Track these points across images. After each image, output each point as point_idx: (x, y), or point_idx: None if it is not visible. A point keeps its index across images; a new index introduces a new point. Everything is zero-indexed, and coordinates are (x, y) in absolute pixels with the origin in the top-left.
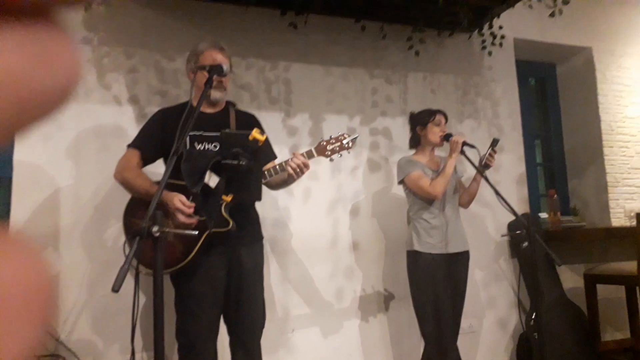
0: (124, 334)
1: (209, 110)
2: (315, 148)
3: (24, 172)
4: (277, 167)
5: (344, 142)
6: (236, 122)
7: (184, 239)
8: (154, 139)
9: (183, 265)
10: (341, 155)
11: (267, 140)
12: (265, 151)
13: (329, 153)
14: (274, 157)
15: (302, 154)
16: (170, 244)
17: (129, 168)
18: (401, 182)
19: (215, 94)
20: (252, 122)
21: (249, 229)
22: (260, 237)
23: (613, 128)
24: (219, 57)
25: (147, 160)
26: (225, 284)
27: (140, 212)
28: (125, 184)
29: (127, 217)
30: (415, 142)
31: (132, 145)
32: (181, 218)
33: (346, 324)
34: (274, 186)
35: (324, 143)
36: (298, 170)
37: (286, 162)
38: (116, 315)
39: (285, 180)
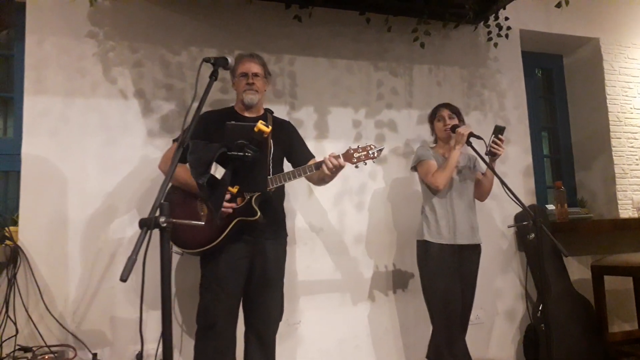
0: (132, 325)
1: (246, 114)
2: (343, 154)
3: (31, 165)
4: (313, 166)
5: (370, 152)
6: (273, 128)
7: (215, 224)
8: (197, 138)
9: (209, 248)
10: (366, 163)
11: (303, 141)
12: (302, 151)
13: (355, 160)
14: (312, 156)
15: (338, 156)
16: (201, 226)
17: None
18: (414, 169)
19: (247, 97)
20: (288, 128)
21: (275, 224)
22: (284, 235)
23: (621, 119)
24: (247, 63)
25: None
26: (247, 273)
27: (177, 199)
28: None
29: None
30: (435, 138)
31: (177, 140)
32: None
33: (353, 315)
34: (316, 182)
35: (352, 151)
36: (333, 168)
37: (322, 161)
38: (125, 306)
39: (322, 178)
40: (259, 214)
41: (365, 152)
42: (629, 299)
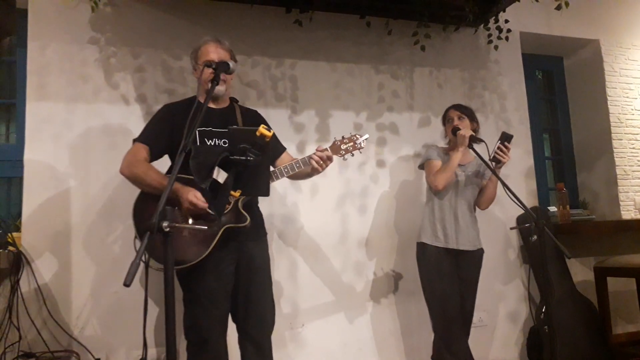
0: (135, 330)
1: (213, 105)
2: (330, 147)
3: (34, 171)
4: (300, 161)
5: (357, 142)
6: (242, 118)
7: (198, 234)
8: (161, 134)
9: (200, 261)
10: (353, 154)
11: (273, 134)
12: (274, 144)
13: (343, 152)
14: (283, 148)
15: (325, 149)
16: (184, 239)
17: (138, 162)
18: (421, 167)
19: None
20: (256, 117)
21: (255, 225)
22: (264, 233)
23: (622, 120)
24: (213, 50)
25: (154, 155)
26: (233, 280)
27: (152, 207)
28: (135, 179)
29: (138, 212)
30: (448, 140)
31: (139, 140)
32: (192, 198)
33: (356, 318)
34: (298, 177)
35: (338, 142)
36: (321, 162)
37: (309, 156)
38: (128, 311)
39: (308, 173)
40: (248, 219)
41: (352, 143)
42: (632, 300)
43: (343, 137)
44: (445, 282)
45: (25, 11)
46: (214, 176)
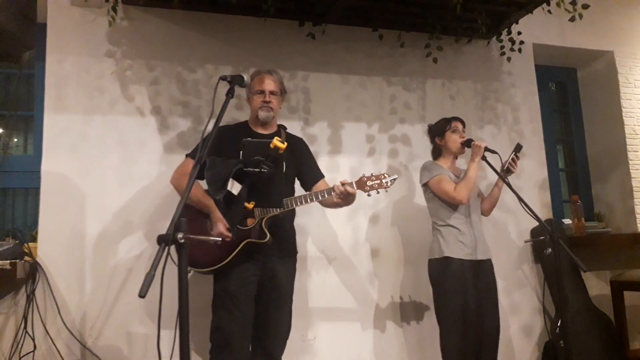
0: (149, 340)
1: (261, 130)
2: (356, 182)
3: (51, 182)
4: (325, 191)
5: (384, 181)
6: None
7: (224, 244)
8: (210, 152)
9: (217, 268)
10: (378, 192)
11: (314, 160)
12: (314, 170)
13: (368, 189)
14: (322, 176)
15: (350, 183)
16: (211, 247)
17: (185, 176)
18: (425, 185)
19: (261, 114)
20: (301, 144)
21: (285, 243)
22: (294, 252)
23: (637, 132)
24: (265, 81)
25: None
26: (256, 291)
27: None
28: (180, 190)
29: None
30: (437, 153)
31: (191, 155)
32: (221, 228)
33: (368, 331)
34: (328, 205)
35: (365, 179)
36: (342, 196)
37: (332, 188)
38: (142, 322)
39: (337, 202)
40: (268, 236)
41: (378, 181)
42: None
43: (372, 174)
44: (468, 297)
45: (44, 25)
46: (229, 188)
